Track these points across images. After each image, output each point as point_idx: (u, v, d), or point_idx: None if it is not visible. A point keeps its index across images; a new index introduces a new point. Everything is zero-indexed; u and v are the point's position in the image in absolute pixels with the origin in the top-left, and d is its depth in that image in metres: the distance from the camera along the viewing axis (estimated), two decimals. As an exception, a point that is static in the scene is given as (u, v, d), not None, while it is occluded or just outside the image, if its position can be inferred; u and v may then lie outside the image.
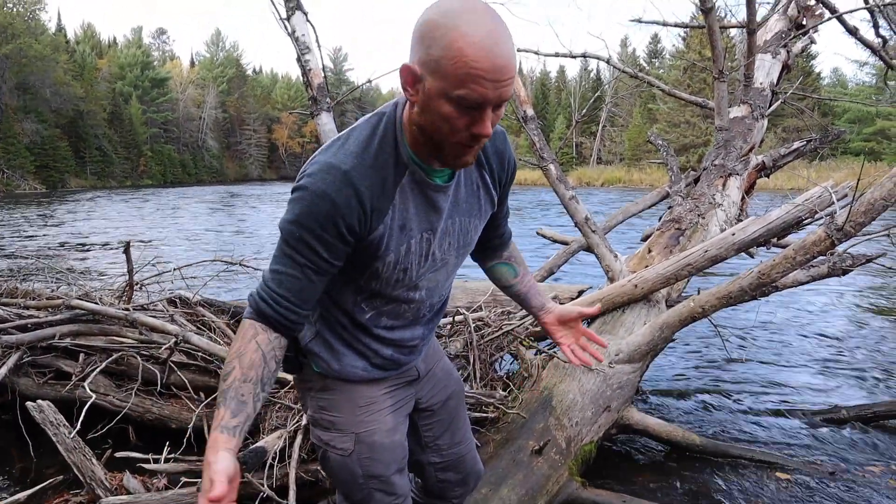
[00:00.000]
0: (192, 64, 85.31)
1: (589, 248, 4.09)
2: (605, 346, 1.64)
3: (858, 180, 2.76)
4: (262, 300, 1.26)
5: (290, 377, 2.64)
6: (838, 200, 3.23)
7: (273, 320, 1.26)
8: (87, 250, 11.80)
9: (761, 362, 4.88)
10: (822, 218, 3.32)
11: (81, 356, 3.35)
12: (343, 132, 1.31)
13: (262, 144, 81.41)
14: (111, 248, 11.73)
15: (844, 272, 2.98)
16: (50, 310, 3.65)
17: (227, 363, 1.24)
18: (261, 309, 1.26)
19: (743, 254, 3.51)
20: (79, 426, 2.60)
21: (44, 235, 14.47)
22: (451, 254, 1.43)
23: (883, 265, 3.30)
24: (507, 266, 1.72)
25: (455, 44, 1.06)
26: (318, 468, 2.42)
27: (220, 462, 1.13)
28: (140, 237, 13.75)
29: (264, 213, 22.29)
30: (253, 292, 1.29)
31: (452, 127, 1.14)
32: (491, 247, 1.66)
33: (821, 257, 2.84)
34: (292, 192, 1.25)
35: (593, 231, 3.84)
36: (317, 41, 3.02)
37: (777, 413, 3.82)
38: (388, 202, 1.26)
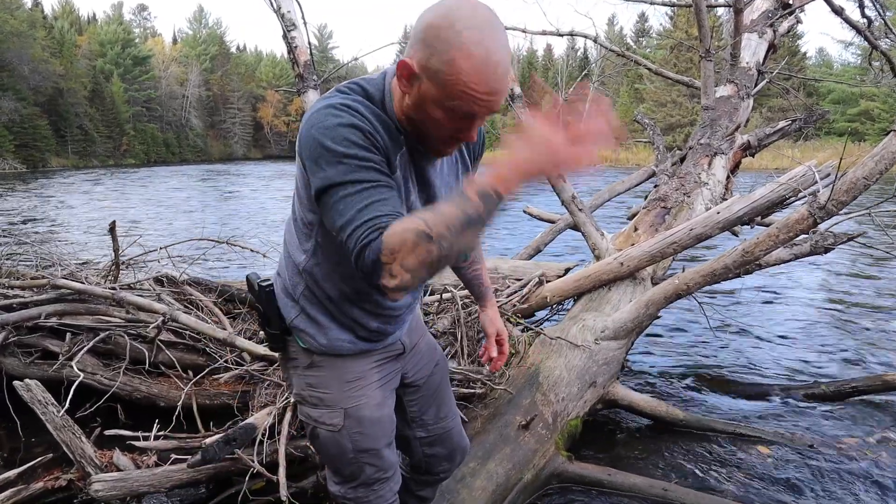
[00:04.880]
0: (175, 41, 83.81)
1: (575, 227, 4.12)
2: (498, 368, 1.81)
3: (841, 160, 2.80)
4: (376, 229, 1.09)
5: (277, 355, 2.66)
6: (821, 180, 3.27)
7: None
8: (71, 230, 11.68)
9: (743, 339, 4.96)
10: (805, 197, 3.37)
11: (68, 336, 3.33)
12: (328, 91, 1.30)
13: (246, 123, 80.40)
14: (95, 228, 11.61)
15: (826, 250, 3.02)
16: (35, 289, 3.62)
17: (433, 228, 1.03)
18: (382, 226, 1.09)
19: (727, 232, 3.56)
20: (67, 405, 2.60)
21: (26, 215, 14.29)
22: None
23: (864, 244, 3.34)
24: None
25: (455, 63, 1.09)
26: (308, 444, 2.45)
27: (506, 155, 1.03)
28: (125, 216, 13.62)
29: (250, 191, 22.11)
30: (361, 244, 1.09)
31: (439, 129, 1.20)
32: None
33: (803, 235, 2.88)
34: (309, 145, 1.18)
35: (580, 209, 3.86)
36: (303, 18, 2.99)
37: (758, 388, 3.89)
38: (398, 149, 1.27)
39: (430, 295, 3.60)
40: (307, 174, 1.21)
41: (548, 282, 3.75)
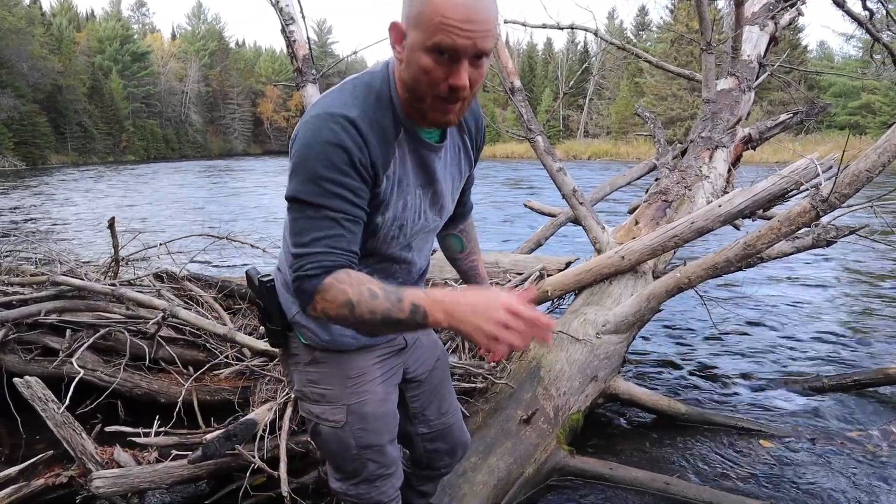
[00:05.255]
0: (174, 37, 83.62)
1: (576, 220, 4.10)
2: (497, 360, 1.74)
3: (844, 152, 2.78)
4: (321, 266, 1.16)
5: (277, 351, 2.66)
6: (823, 172, 3.25)
7: (345, 265, 1.18)
8: (71, 227, 11.67)
9: (745, 333, 4.95)
10: (807, 190, 3.35)
11: (68, 332, 3.33)
12: (332, 88, 1.30)
13: (246, 119, 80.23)
14: (95, 225, 11.60)
15: (828, 243, 3.01)
16: (35, 286, 3.61)
17: (363, 306, 1.12)
18: (326, 264, 1.16)
19: (729, 225, 3.54)
20: (67, 402, 2.59)
21: (26, 213, 14.27)
22: (439, 214, 1.45)
23: (865, 236, 3.33)
24: (457, 239, 1.77)
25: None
26: (309, 440, 2.44)
27: (484, 292, 1.07)
28: (125, 213, 13.61)
29: (252, 187, 22.08)
30: (304, 273, 1.17)
31: (431, 79, 1.16)
32: (452, 215, 1.65)
33: (805, 228, 2.87)
34: (296, 151, 1.20)
35: (581, 203, 3.84)
36: (301, 12, 2.97)
37: (760, 382, 3.88)
38: (391, 155, 1.26)
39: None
40: None
41: (549, 276, 3.74)
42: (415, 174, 1.33)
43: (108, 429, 2.60)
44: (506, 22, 5.40)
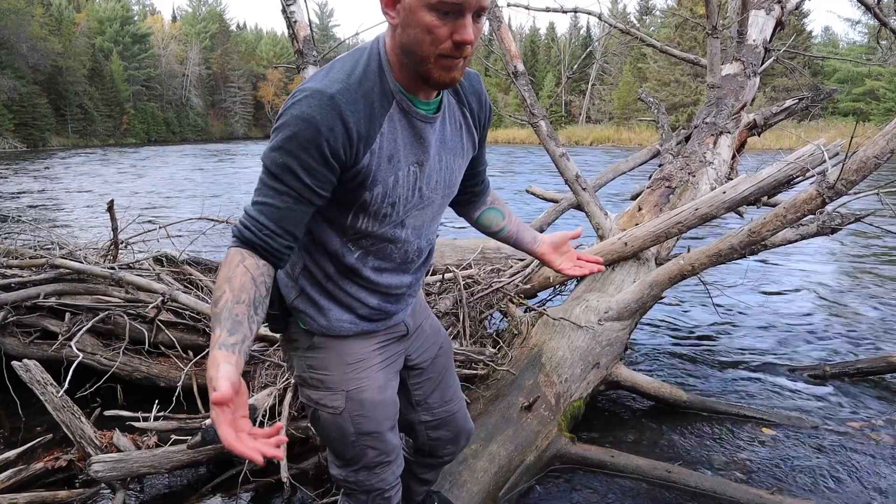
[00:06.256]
0: (174, 19, 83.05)
1: (579, 206, 4.07)
2: (601, 263, 1.84)
3: (851, 138, 2.74)
4: (245, 228, 1.24)
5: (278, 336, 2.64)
6: (830, 159, 3.21)
7: (258, 247, 1.24)
8: (71, 209, 11.64)
9: (748, 320, 4.93)
10: (813, 176, 3.32)
11: (67, 315, 3.32)
12: (327, 66, 1.29)
13: (247, 102, 79.83)
14: (95, 207, 11.57)
15: (833, 231, 2.98)
16: (34, 269, 3.60)
17: (216, 290, 1.20)
18: (245, 236, 1.23)
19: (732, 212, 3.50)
20: (66, 385, 2.58)
21: (26, 195, 14.24)
22: (438, 193, 1.42)
23: (871, 224, 3.30)
24: (494, 210, 1.74)
25: None
26: (309, 425, 2.43)
27: (222, 370, 1.06)
28: (125, 195, 13.56)
29: (250, 170, 22.00)
30: (235, 223, 1.28)
31: (435, 38, 1.15)
32: (475, 194, 1.67)
33: (810, 216, 2.84)
34: (277, 118, 1.23)
35: (583, 188, 3.81)
36: (302, -8, 2.92)
37: (763, 369, 3.87)
38: (376, 130, 1.25)
39: (431, 275, 3.57)
40: None
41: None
42: (407, 149, 1.30)
43: (107, 413, 2.60)
44: (509, 5, 5.33)
